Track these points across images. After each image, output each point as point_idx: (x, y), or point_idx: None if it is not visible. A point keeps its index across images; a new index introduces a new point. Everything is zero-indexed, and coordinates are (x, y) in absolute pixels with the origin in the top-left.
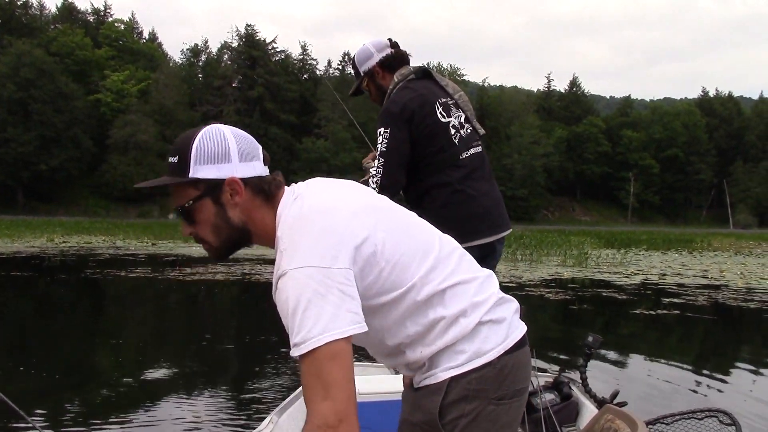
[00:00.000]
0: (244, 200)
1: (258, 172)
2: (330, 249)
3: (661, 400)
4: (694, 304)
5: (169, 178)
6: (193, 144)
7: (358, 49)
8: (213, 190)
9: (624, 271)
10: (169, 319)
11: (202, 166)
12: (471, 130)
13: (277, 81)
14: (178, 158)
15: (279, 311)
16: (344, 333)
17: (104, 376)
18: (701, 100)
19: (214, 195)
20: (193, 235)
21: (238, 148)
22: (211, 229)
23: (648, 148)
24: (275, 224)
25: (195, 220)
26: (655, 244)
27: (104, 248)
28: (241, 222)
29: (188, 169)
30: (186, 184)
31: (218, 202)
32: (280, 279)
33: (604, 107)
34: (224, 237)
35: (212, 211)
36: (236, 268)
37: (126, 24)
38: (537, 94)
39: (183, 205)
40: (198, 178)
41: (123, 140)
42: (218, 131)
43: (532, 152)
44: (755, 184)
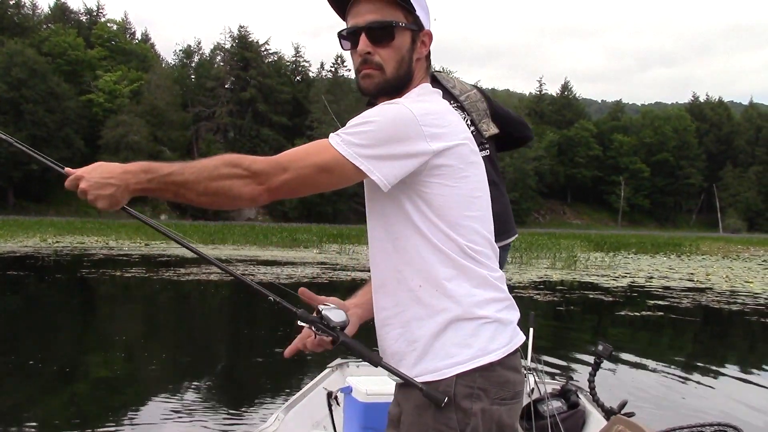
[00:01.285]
0: (423, 56)
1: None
2: (437, 125)
3: (661, 408)
4: (678, 306)
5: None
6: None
7: None
8: (416, 28)
9: (612, 273)
10: (167, 318)
11: (418, 5)
12: (475, 133)
13: (270, 83)
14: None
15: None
16: (371, 172)
17: (104, 376)
18: (691, 105)
19: (414, 33)
20: (370, 55)
21: (429, 18)
22: (398, 59)
23: (638, 152)
24: (413, 84)
25: (388, 42)
26: (644, 247)
27: (97, 248)
28: (413, 71)
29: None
30: (401, 6)
31: (414, 41)
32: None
33: (595, 111)
34: (401, 72)
35: (407, 45)
36: (231, 268)
37: (118, 24)
38: (529, 98)
39: (390, 21)
40: (415, 8)
41: (115, 141)
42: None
43: (524, 156)
44: (745, 188)
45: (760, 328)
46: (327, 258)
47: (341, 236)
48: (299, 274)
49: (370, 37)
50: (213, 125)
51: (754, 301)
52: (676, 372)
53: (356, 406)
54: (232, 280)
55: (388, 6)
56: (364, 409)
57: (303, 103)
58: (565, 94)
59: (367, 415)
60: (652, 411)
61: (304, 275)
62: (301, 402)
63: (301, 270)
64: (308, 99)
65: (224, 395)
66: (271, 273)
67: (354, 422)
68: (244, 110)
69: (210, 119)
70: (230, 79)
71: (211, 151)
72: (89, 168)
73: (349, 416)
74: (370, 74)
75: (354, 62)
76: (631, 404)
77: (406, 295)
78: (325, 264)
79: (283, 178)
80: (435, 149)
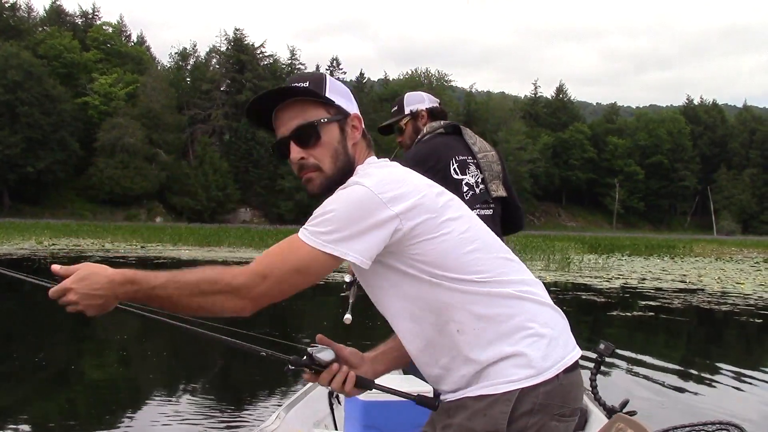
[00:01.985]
0: (358, 138)
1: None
2: (392, 189)
3: (660, 406)
4: (670, 307)
5: (302, 92)
6: (325, 77)
7: (412, 92)
8: (342, 117)
9: (605, 275)
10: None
11: (335, 95)
12: (484, 190)
13: (266, 85)
14: (309, 82)
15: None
16: (346, 255)
17: (104, 375)
18: (686, 108)
19: (341, 123)
20: (304, 160)
21: (352, 100)
22: (331, 154)
23: (633, 154)
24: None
25: (316, 142)
26: (638, 249)
27: (93, 251)
28: (352, 157)
29: (324, 90)
30: (320, 103)
31: (343, 130)
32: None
33: (590, 114)
34: (339, 165)
35: (337, 137)
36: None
37: (114, 27)
38: (524, 101)
39: (312, 122)
40: (332, 100)
41: (110, 143)
42: (338, 82)
43: (519, 158)
44: (739, 191)
45: (749, 328)
46: None
47: None
48: None
49: (299, 142)
50: (208, 128)
51: (744, 302)
52: (672, 371)
53: (357, 404)
54: None
55: (307, 107)
56: (365, 407)
57: None
58: (560, 97)
59: (368, 413)
60: (651, 409)
61: None
62: (303, 401)
63: None
64: None
65: (225, 394)
66: None
67: (355, 421)
68: (239, 113)
69: (205, 122)
70: (226, 82)
71: (206, 154)
72: (75, 278)
73: (351, 415)
74: (310, 178)
75: (294, 170)
76: (631, 402)
77: (449, 350)
78: None
79: (264, 288)
80: (398, 211)
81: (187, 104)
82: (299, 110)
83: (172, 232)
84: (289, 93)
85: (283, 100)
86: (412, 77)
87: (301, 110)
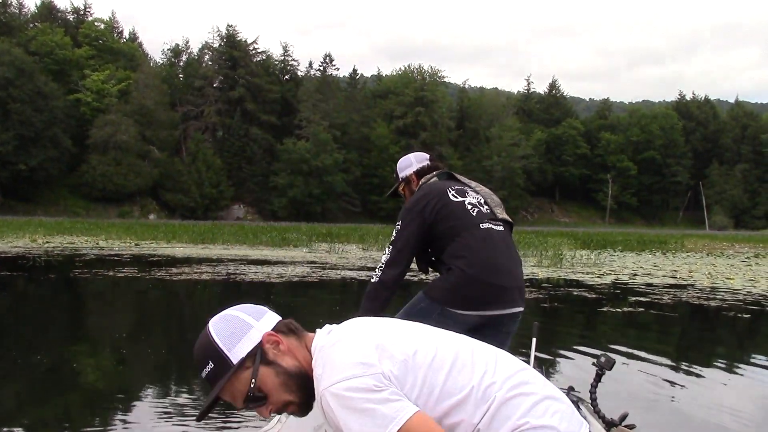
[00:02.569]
0: (286, 346)
1: (277, 319)
2: (364, 357)
3: (654, 412)
4: (659, 302)
5: (221, 381)
6: (213, 340)
7: (402, 158)
8: (260, 356)
9: (597, 271)
10: (165, 317)
11: (235, 347)
12: (489, 211)
13: (258, 82)
14: (212, 363)
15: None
16: (407, 418)
17: (103, 375)
18: (678, 104)
19: (263, 360)
20: (275, 409)
21: (248, 314)
22: (283, 390)
23: (626, 150)
24: (311, 358)
25: (266, 394)
26: (630, 245)
27: (88, 248)
28: (296, 366)
29: (229, 360)
30: (237, 373)
31: (270, 363)
32: (321, 399)
33: (583, 110)
34: (296, 387)
35: (272, 375)
36: (221, 267)
37: (106, 23)
38: (517, 96)
39: (249, 392)
40: (240, 356)
41: (103, 140)
42: (223, 318)
43: (512, 154)
44: (731, 186)
45: (738, 323)
46: (317, 257)
47: (331, 235)
48: (290, 272)
49: (259, 404)
50: (201, 124)
51: (733, 297)
52: (663, 368)
53: None
54: (224, 279)
55: (234, 382)
56: None
57: (291, 102)
58: (552, 93)
59: None
60: (645, 415)
61: (295, 274)
62: None
63: (291, 269)
64: (297, 98)
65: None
66: (262, 272)
67: None
68: (232, 109)
69: (198, 118)
70: (218, 78)
71: (199, 151)
72: None
73: None
74: (294, 411)
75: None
76: (624, 409)
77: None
78: (315, 263)
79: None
80: (385, 372)
81: (179, 101)
82: (232, 389)
83: (165, 230)
84: (210, 382)
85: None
86: (405, 73)
87: (232, 388)
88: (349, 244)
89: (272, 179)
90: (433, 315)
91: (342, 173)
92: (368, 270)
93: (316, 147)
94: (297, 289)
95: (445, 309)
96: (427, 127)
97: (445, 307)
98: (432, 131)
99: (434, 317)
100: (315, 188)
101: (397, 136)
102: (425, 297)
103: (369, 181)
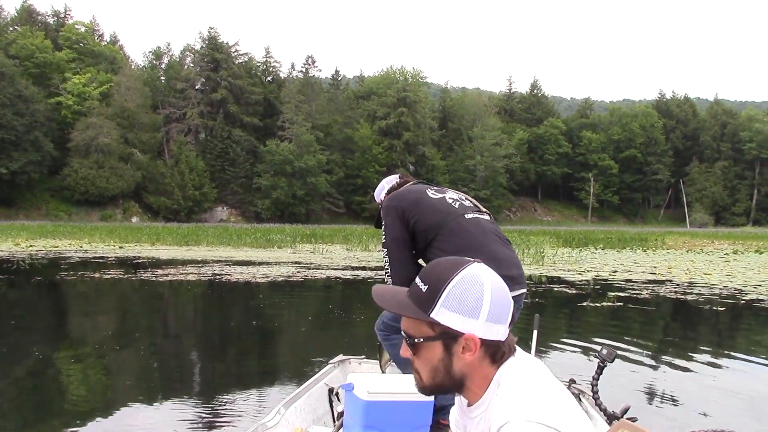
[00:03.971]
0: (473, 359)
1: (499, 337)
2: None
3: (642, 402)
4: (637, 297)
5: (411, 307)
6: (448, 284)
7: (378, 185)
8: (448, 337)
9: (578, 268)
10: (153, 319)
11: (448, 312)
12: (471, 204)
13: (241, 83)
14: (428, 289)
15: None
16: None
17: (103, 373)
18: (658, 102)
19: (446, 342)
20: (410, 359)
21: (490, 309)
22: (429, 370)
23: (607, 149)
24: (488, 385)
25: (416, 353)
26: (612, 242)
27: (72, 251)
28: (461, 375)
29: (433, 307)
30: (421, 321)
31: (449, 350)
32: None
33: (565, 109)
34: (438, 382)
35: (438, 356)
36: (206, 269)
37: (87, 26)
38: (498, 96)
39: (413, 337)
40: (438, 322)
41: (85, 143)
42: (479, 280)
43: (494, 154)
44: (711, 183)
45: (714, 316)
46: (301, 257)
47: (314, 236)
48: (274, 273)
49: (410, 347)
50: (184, 126)
51: (710, 291)
52: (641, 360)
53: (358, 403)
54: (210, 279)
55: (416, 319)
56: (366, 407)
57: (274, 103)
58: (534, 92)
59: (368, 413)
60: (641, 406)
61: (280, 274)
62: (303, 397)
63: (276, 269)
64: (279, 99)
65: (225, 389)
66: (247, 272)
67: (355, 420)
68: (215, 111)
69: (181, 121)
70: (200, 80)
71: (182, 153)
72: None
73: (350, 413)
74: (416, 380)
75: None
76: (620, 403)
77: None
78: (300, 263)
79: None
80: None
81: (162, 103)
82: (409, 322)
83: (149, 232)
84: (403, 309)
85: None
86: (387, 74)
87: (409, 322)
88: (333, 245)
89: (255, 181)
90: None
91: (325, 174)
92: (352, 269)
93: (299, 148)
94: (282, 289)
95: None
96: (410, 128)
97: None
98: (415, 131)
99: None
100: (298, 189)
101: (380, 136)
102: None
103: (352, 182)
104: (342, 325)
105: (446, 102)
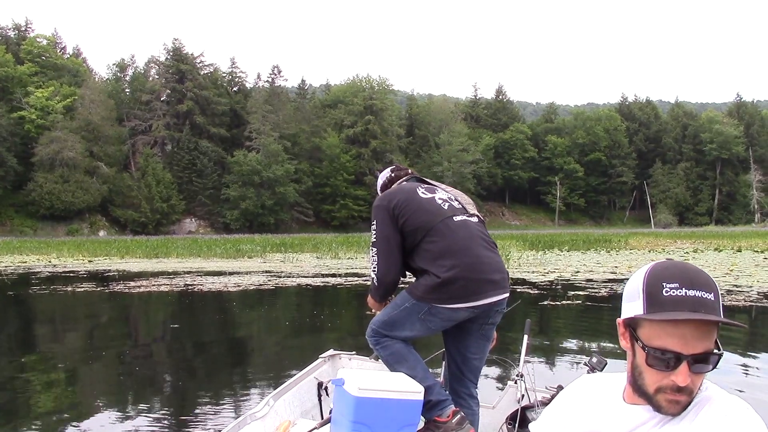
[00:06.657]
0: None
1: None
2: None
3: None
4: (596, 295)
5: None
6: (645, 280)
7: (379, 174)
8: (633, 327)
9: (542, 269)
10: (128, 329)
11: (627, 302)
12: (460, 206)
13: (207, 94)
14: (713, 294)
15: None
16: None
17: (102, 373)
18: (621, 105)
19: (634, 333)
20: (690, 384)
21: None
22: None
23: (572, 152)
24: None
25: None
26: (577, 244)
27: (41, 266)
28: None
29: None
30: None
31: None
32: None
33: (530, 113)
34: (631, 372)
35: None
36: (178, 280)
37: (49, 39)
38: (464, 102)
39: (711, 350)
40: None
41: (49, 158)
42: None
43: (461, 159)
44: (674, 184)
45: None
46: (272, 266)
47: (284, 245)
48: (246, 282)
49: (692, 368)
50: (150, 139)
51: None
52: (590, 351)
53: (347, 399)
54: (182, 290)
55: (714, 331)
56: (355, 403)
57: (241, 114)
58: (499, 98)
59: (357, 409)
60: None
61: (251, 283)
62: (291, 390)
63: (248, 278)
64: (246, 110)
65: (216, 380)
66: (219, 282)
67: (343, 414)
68: (181, 123)
69: (147, 133)
70: (166, 92)
71: (149, 165)
72: None
73: (339, 408)
74: (679, 401)
75: (654, 380)
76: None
77: None
78: (271, 272)
79: None
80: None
81: (127, 116)
82: (711, 333)
83: (118, 245)
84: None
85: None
86: (353, 82)
87: (708, 332)
88: (303, 253)
89: (224, 192)
90: (420, 314)
91: (294, 183)
92: (323, 277)
93: (267, 158)
94: (254, 297)
95: (433, 306)
96: (377, 135)
97: (432, 304)
98: (382, 139)
99: (421, 316)
100: (267, 199)
101: (347, 144)
102: (409, 296)
103: (321, 191)
104: (314, 330)
105: (413, 109)
